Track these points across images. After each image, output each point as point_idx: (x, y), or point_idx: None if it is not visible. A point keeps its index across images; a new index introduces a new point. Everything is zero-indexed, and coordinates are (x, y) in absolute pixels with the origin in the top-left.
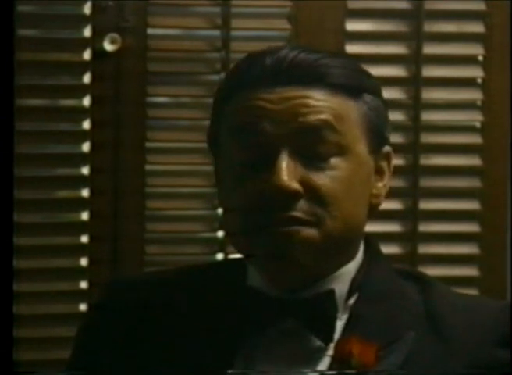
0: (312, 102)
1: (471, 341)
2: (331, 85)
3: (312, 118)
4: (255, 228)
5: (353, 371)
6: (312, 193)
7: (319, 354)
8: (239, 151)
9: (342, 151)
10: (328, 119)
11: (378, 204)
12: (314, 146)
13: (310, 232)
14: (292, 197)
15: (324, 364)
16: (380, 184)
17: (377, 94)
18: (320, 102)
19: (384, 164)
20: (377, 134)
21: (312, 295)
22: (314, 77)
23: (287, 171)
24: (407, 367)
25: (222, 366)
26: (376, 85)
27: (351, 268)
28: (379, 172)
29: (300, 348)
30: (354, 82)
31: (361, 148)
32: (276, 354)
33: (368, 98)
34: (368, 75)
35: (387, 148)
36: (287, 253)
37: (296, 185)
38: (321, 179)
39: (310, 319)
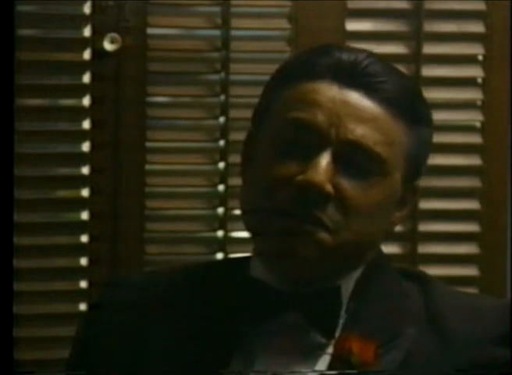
0: (368, 118)
1: (470, 340)
2: (393, 105)
3: (362, 136)
4: (275, 212)
5: (353, 371)
6: (340, 200)
7: (319, 350)
8: (285, 134)
9: (381, 172)
10: (377, 144)
11: (391, 232)
12: (356, 161)
13: (324, 236)
14: (321, 197)
15: (324, 361)
16: (398, 214)
17: (430, 126)
18: (376, 121)
19: (409, 196)
20: (416, 167)
21: (317, 290)
22: (380, 92)
23: (325, 171)
24: (406, 365)
25: (223, 360)
26: (431, 116)
27: (358, 271)
28: (402, 202)
29: (301, 343)
30: (415, 109)
31: (398, 175)
32: (277, 347)
33: (420, 128)
34: (427, 104)
35: (417, 183)
36: (298, 250)
37: (329, 186)
38: (354, 191)
39: (313, 314)
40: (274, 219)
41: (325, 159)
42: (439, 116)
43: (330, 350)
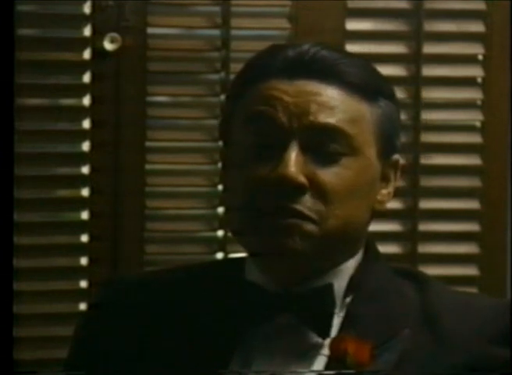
0: (327, 101)
1: (467, 339)
2: (348, 85)
3: (325, 118)
4: (256, 214)
5: (351, 371)
6: (317, 189)
7: (315, 350)
8: (250, 137)
9: (351, 152)
10: (340, 121)
11: (381, 209)
12: (323, 144)
13: (310, 227)
14: (296, 189)
15: (320, 362)
16: (385, 191)
17: (392, 100)
18: (335, 102)
19: (391, 172)
20: (388, 141)
21: (310, 290)
22: (333, 75)
23: (295, 163)
24: (402, 365)
25: (220, 362)
26: (392, 91)
27: (350, 266)
28: (385, 179)
29: (297, 344)
30: (372, 85)
31: (371, 151)
32: (273, 349)
33: (382, 102)
34: (385, 80)
35: (396, 157)
36: (286, 245)
37: (302, 178)
38: (328, 176)
39: (307, 314)
40: (256, 219)
41: (293, 151)
42: (439, 116)
43: (326, 351)
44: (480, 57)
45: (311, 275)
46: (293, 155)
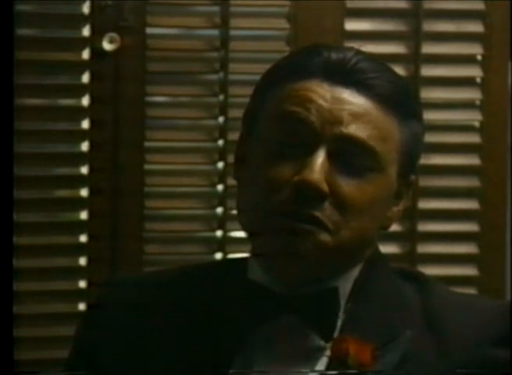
0: (362, 114)
1: (468, 341)
2: (384, 101)
3: (356, 130)
4: (272, 214)
5: (353, 371)
6: (337, 199)
7: (318, 352)
8: (278, 135)
9: (376, 168)
10: (371, 137)
11: (388, 227)
12: (350, 156)
13: (324, 237)
14: (317, 196)
15: (322, 363)
16: (395, 209)
17: (421, 120)
18: (369, 116)
19: (404, 190)
20: (409, 161)
21: (315, 292)
22: (371, 88)
23: (320, 169)
24: (404, 366)
25: (222, 362)
26: (421, 111)
27: (356, 271)
28: (398, 197)
29: (299, 345)
30: (405, 104)
31: (393, 169)
32: (276, 350)
33: (412, 123)
34: (416, 98)
35: (413, 177)
36: (298, 249)
37: (325, 186)
38: (350, 188)
39: (311, 316)
40: (272, 220)
41: (320, 158)
42: (438, 116)
43: (328, 352)
44: (479, 57)
45: (317, 279)
46: (320, 162)
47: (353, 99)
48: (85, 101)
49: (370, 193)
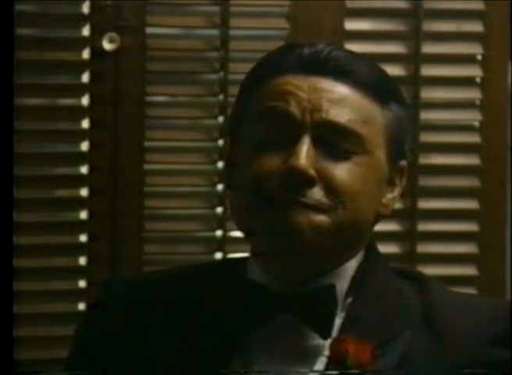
0: (340, 99)
1: (467, 340)
2: (361, 85)
3: (336, 116)
4: (264, 209)
5: (354, 371)
6: (326, 183)
7: (317, 351)
8: (262, 133)
9: (361, 151)
10: (351, 121)
11: (386, 214)
12: (334, 141)
13: (321, 218)
14: (306, 182)
15: (321, 363)
16: (390, 196)
17: (403, 105)
18: (347, 101)
19: (397, 177)
20: (397, 145)
21: (312, 290)
22: (346, 74)
23: (306, 156)
24: (403, 366)
25: (221, 361)
26: (403, 96)
27: (352, 266)
28: (391, 183)
29: (299, 344)
30: (384, 88)
31: (380, 153)
32: (274, 348)
33: (394, 106)
34: (396, 84)
35: (403, 163)
36: (297, 239)
37: (312, 171)
38: (338, 170)
39: (309, 314)
40: (265, 212)
41: (304, 145)
42: (438, 116)
43: (327, 352)
44: (479, 57)
45: (314, 275)
46: (305, 149)
47: (331, 87)
48: (85, 100)
49: (358, 174)
